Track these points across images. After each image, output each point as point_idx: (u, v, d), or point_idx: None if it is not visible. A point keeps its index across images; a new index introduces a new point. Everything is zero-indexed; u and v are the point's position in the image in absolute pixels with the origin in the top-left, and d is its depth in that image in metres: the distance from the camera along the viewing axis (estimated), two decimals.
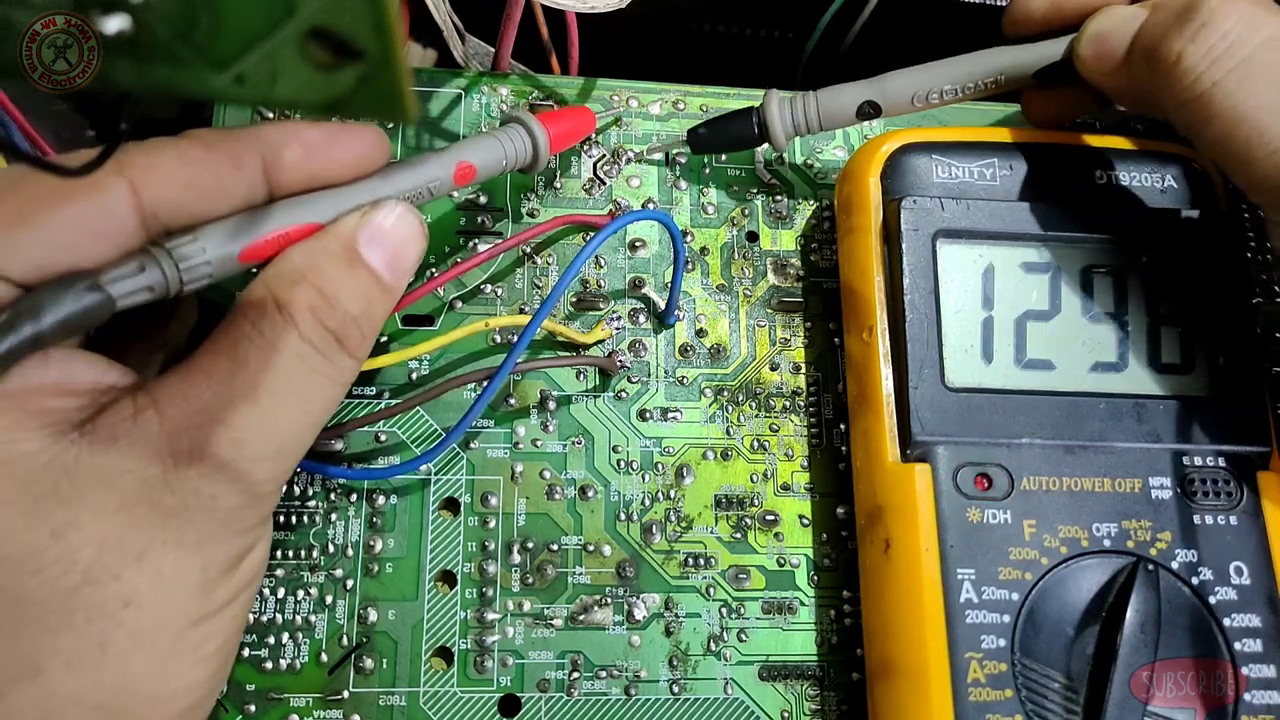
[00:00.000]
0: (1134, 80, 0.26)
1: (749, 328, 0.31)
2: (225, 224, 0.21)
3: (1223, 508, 0.27)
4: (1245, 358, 0.28)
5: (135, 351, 0.24)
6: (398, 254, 0.23)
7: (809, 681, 0.28)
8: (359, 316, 0.22)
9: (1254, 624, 0.26)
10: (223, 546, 0.20)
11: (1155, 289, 0.29)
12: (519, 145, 0.27)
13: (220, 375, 0.20)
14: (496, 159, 0.26)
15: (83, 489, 0.18)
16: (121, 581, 0.19)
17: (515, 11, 0.31)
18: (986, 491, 0.26)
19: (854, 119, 0.29)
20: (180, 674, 0.20)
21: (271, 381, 0.20)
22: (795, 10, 0.37)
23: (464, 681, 0.27)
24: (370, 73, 0.16)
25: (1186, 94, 0.24)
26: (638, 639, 0.28)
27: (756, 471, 0.30)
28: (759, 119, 0.30)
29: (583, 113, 0.30)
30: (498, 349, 0.30)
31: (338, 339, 0.21)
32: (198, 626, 0.20)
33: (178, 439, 0.19)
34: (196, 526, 0.20)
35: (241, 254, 0.21)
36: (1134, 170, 0.30)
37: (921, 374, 0.27)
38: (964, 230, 0.28)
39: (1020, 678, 0.25)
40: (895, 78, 0.29)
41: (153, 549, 0.19)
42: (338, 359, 0.21)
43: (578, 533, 0.29)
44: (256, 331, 0.20)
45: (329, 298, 0.21)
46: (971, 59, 0.28)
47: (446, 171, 0.24)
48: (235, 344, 0.20)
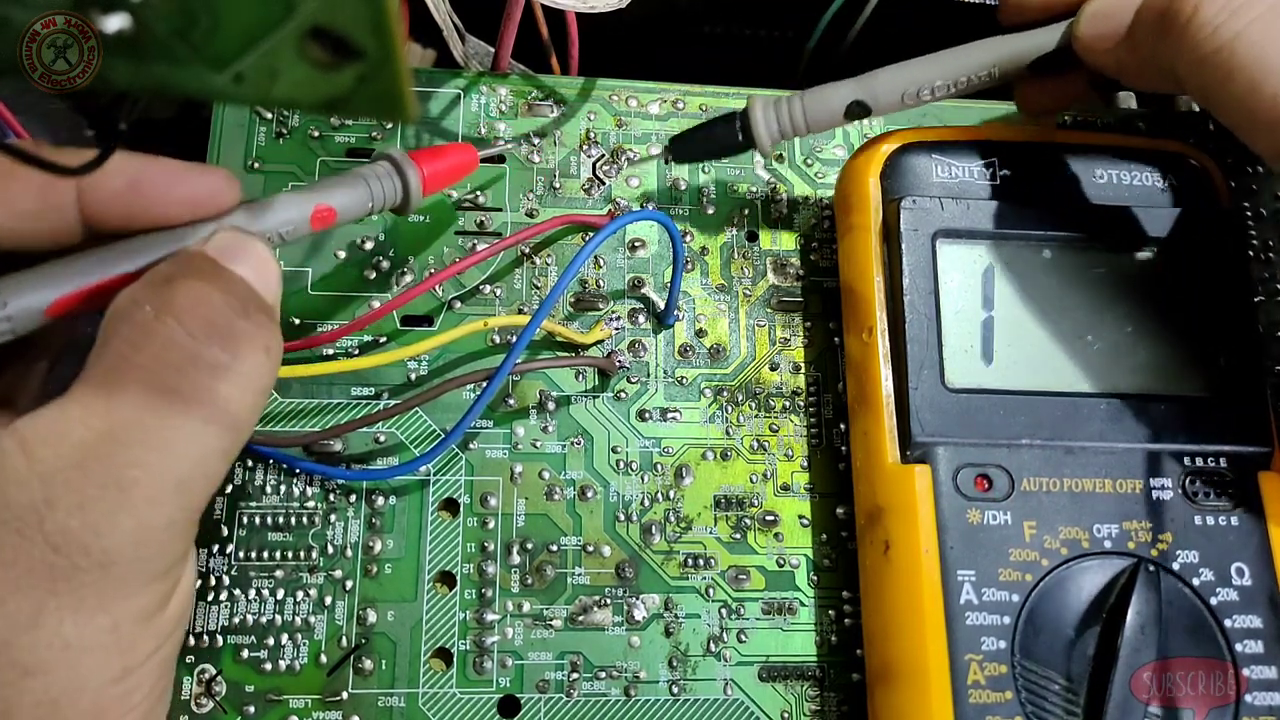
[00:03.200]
0: (1138, 51, 0.25)
1: (749, 328, 0.31)
2: (29, 275, 0.18)
3: (1224, 508, 0.27)
4: (1245, 358, 0.28)
5: (5, 371, 0.21)
6: (259, 267, 0.20)
7: (809, 682, 0.28)
8: (252, 305, 0.19)
9: (1255, 625, 0.26)
10: (132, 601, 0.18)
11: (1156, 288, 0.29)
12: (387, 187, 0.24)
13: (98, 406, 0.17)
14: (361, 202, 0.24)
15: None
16: (15, 649, 0.17)
17: (515, 11, 0.31)
18: (987, 493, 0.26)
19: (842, 120, 0.28)
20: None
21: (159, 404, 0.18)
22: (795, 10, 0.37)
23: (463, 682, 0.27)
24: (370, 72, 0.16)
25: (1205, 47, 0.22)
26: (637, 640, 0.28)
27: (756, 472, 0.30)
28: (742, 124, 0.29)
29: (464, 150, 0.28)
30: (497, 349, 0.30)
31: (242, 330, 0.19)
32: (120, 682, 0.18)
33: (52, 485, 0.17)
34: (93, 587, 0.17)
35: (50, 308, 0.18)
36: (1134, 169, 0.30)
37: (921, 374, 0.27)
38: (964, 230, 0.28)
39: (1020, 679, 0.25)
40: (884, 75, 0.28)
41: (46, 614, 0.17)
42: (246, 355, 0.19)
43: (577, 533, 0.29)
44: (133, 349, 0.18)
45: (211, 292, 0.18)
46: (964, 52, 0.28)
47: (302, 214, 0.22)
48: (112, 368, 0.18)
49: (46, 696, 0.17)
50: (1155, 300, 0.29)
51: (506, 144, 0.32)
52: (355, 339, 0.30)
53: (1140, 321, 0.28)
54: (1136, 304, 0.29)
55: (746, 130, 0.29)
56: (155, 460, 0.18)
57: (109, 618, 0.18)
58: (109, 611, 0.18)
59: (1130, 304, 0.29)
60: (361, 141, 0.31)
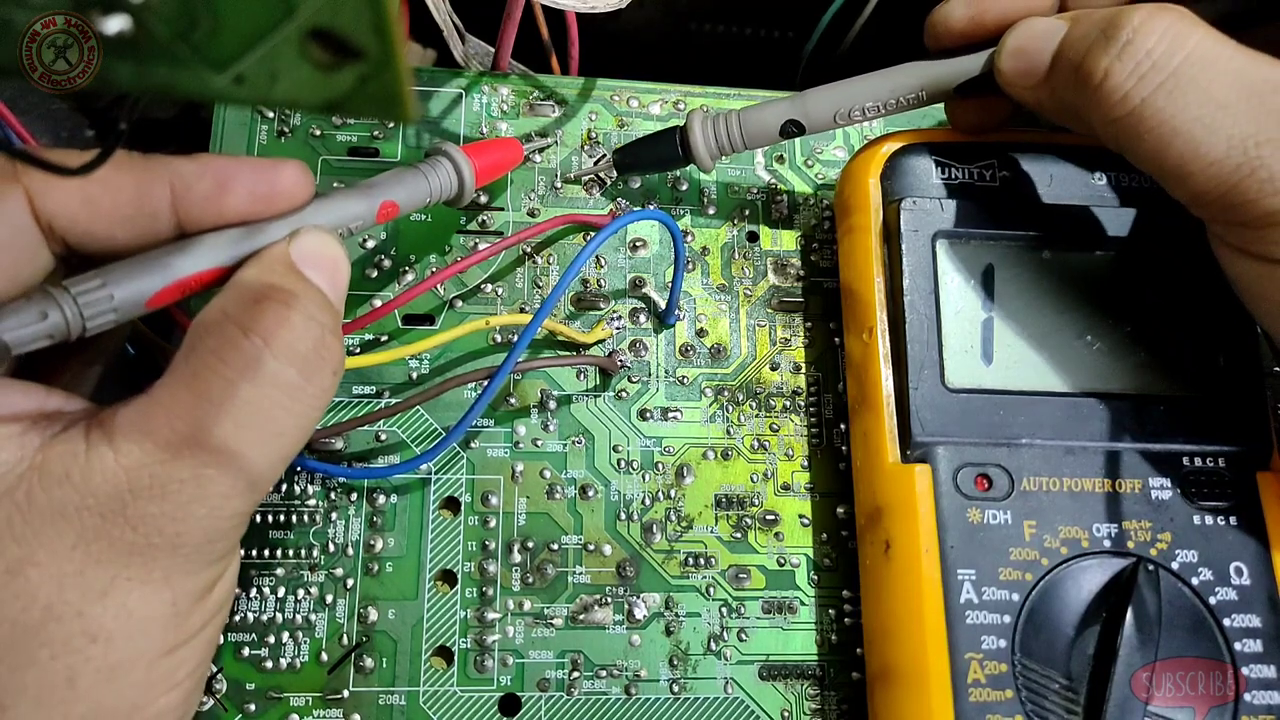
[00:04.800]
0: (1057, 95, 0.25)
1: (749, 327, 0.31)
2: (131, 264, 0.20)
3: (1222, 508, 0.27)
4: (1244, 358, 0.28)
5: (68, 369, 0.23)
6: (334, 274, 0.21)
7: (809, 681, 0.28)
8: (328, 331, 0.21)
9: (1254, 624, 0.26)
10: (192, 579, 0.20)
11: (1155, 289, 0.29)
12: (444, 179, 0.26)
13: (181, 409, 0.19)
14: (421, 195, 0.25)
15: (37, 525, 0.18)
16: (85, 618, 0.18)
17: (515, 11, 0.31)
18: (987, 492, 0.26)
19: (778, 138, 0.29)
20: (154, 701, 0.20)
21: (240, 413, 0.19)
22: (795, 10, 0.37)
23: (464, 681, 0.27)
24: (370, 73, 0.16)
25: (1115, 111, 0.23)
26: (638, 638, 0.28)
27: (757, 471, 0.30)
28: (681, 140, 0.29)
29: (510, 144, 0.30)
30: (498, 348, 0.30)
31: (316, 356, 0.20)
32: (171, 655, 0.20)
33: (137, 476, 0.18)
34: (163, 562, 0.19)
35: (151, 299, 0.20)
36: (1133, 170, 0.29)
37: (921, 375, 0.27)
38: (964, 231, 0.28)
39: (1021, 678, 0.25)
40: (816, 95, 0.28)
41: (117, 585, 0.19)
42: (316, 377, 0.20)
43: (578, 532, 0.29)
44: (220, 361, 0.19)
45: (295, 314, 0.20)
46: (892, 74, 0.28)
47: (370, 209, 0.23)
48: (197, 375, 0.19)
49: (106, 663, 0.19)
50: (1154, 300, 0.29)
51: (548, 140, 0.32)
52: (357, 337, 0.30)
53: (1140, 322, 0.28)
54: (1136, 304, 0.29)
55: (685, 145, 0.29)
56: (229, 462, 0.19)
57: (170, 593, 0.19)
58: (171, 587, 0.19)
59: (1130, 304, 0.29)
60: (363, 141, 0.31)
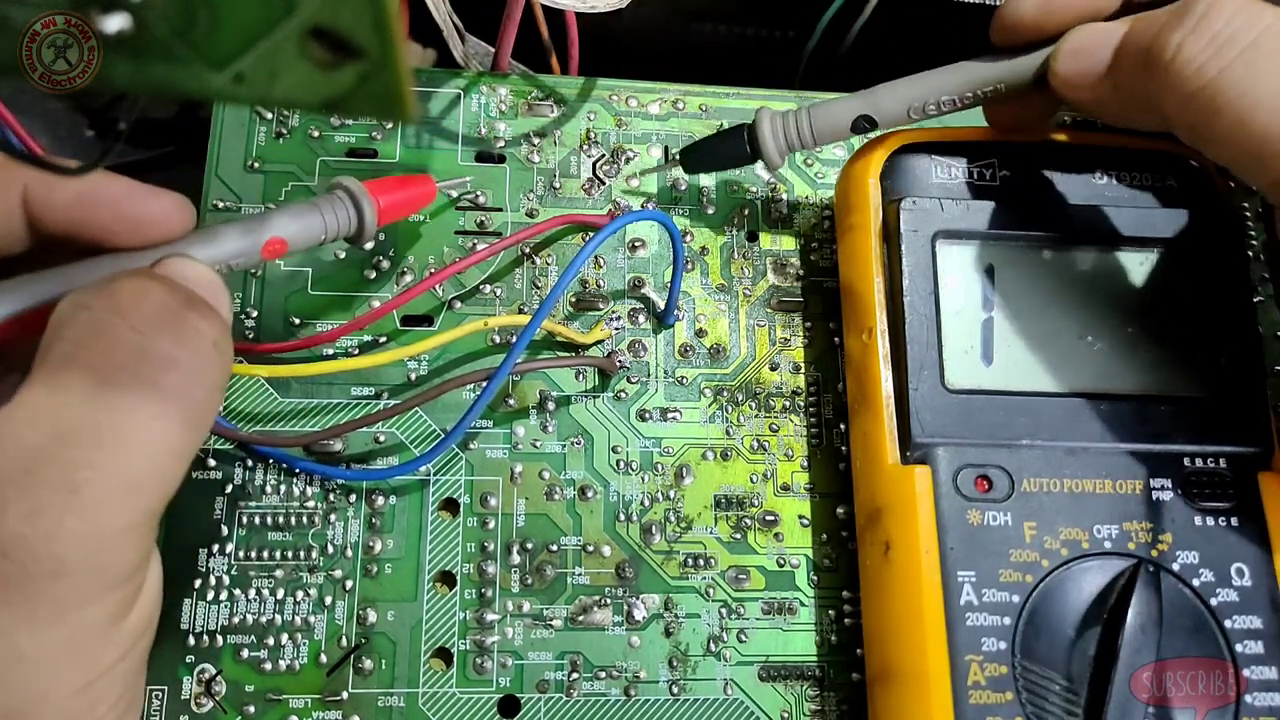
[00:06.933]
0: (1120, 90, 0.25)
1: (749, 327, 0.31)
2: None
3: (1223, 509, 0.27)
4: (1245, 358, 0.28)
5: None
6: (207, 292, 0.19)
7: (809, 682, 0.28)
8: (192, 305, 0.18)
9: (1255, 625, 0.26)
10: (91, 609, 0.17)
11: (1155, 289, 0.29)
12: (342, 217, 0.24)
13: (44, 408, 0.17)
14: (314, 233, 0.24)
15: None
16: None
17: (515, 11, 0.31)
18: (987, 493, 0.26)
19: (849, 133, 0.29)
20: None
21: (107, 402, 0.17)
22: (795, 10, 0.37)
23: (463, 682, 0.27)
24: (370, 72, 0.16)
25: (1190, 85, 0.22)
26: (637, 639, 0.28)
27: (756, 472, 0.30)
28: (750, 137, 0.29)
29: (423, 181, 0.28)
30: (497, 349, 0.30)
31: (175, 327, 0.18)
32: (83, 693, 0.18)
33: (3, 492, 0.16)
34: (48, 596, 0.17)
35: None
36: (1134, 170, 0.30)
37: (921, 375, 0.27)
38: (964, 231, 0.28)
39: (1021, 680, 0.25)
40: (890, 90, 0.28)
41: (0, 626, 0.16)
42: (188, 351, 0.18)
43: (577, 533, 0.29)
44: (77, 347, 0.17)
45: (154, 287, 0.18)
46: (966, 68, 0.28)
47: (254, 245, 0.22)
48: (58, 368, 0.17)
49: (6, 708, 0.17)
50: (1155, 301, 0.29)
51: (466, 182, 0.31)
52: (355, 339, 0.30)
53: (1140, 322, 0.28)
54: (1136, 304, 0.29)
55: (754, 143, 0.29)
56: (105, 459, 0.17)
57: (65, 629, 0.17)
58: (65, 622, 0.17)
59: (1130, 304, 0.29)
60: (361, 141, 0.31)
